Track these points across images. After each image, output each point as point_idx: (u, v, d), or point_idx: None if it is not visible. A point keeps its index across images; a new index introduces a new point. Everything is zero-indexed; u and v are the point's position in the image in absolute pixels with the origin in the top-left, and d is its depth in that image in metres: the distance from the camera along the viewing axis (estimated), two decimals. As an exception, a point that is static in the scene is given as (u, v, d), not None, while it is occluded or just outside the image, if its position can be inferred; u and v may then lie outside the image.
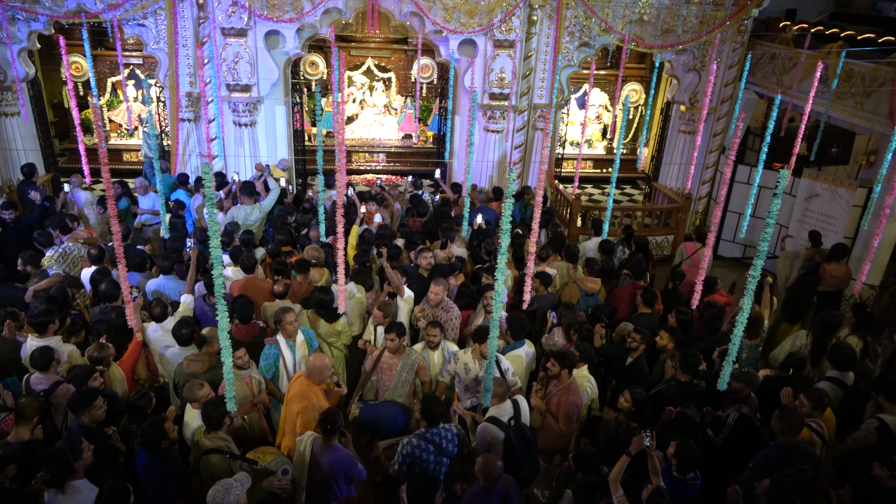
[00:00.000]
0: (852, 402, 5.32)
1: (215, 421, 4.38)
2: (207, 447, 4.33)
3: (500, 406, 4.81)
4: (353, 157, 14.19)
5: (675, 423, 4.65)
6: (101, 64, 12.97)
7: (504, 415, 4.78)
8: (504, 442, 4.67)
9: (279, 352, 5.40)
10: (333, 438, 4.38)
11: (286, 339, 5.41)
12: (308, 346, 5.53)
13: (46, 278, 6.35)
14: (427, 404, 4.63)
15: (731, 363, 4.21)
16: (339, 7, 9.38)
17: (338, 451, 4.39)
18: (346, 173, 4.99)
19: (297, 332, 5.45)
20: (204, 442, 4.38)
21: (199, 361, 5.10)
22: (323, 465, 4.34)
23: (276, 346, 5.42)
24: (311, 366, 4.83)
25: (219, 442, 4.36)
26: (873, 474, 4.23)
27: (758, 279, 3.90)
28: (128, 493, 3.72)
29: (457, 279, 6.80)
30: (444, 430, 4.63)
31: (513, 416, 4.77)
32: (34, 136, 10.21)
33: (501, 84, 10.07)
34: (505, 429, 4.69)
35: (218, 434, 4.39)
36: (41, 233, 7.02)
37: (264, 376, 5.39)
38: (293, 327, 5.38)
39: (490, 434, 4.73)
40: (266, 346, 5.47)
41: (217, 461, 4.25)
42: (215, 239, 3.62)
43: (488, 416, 4.81)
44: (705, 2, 9.89)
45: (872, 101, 8.50)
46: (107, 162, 4.41)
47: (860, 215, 8.67)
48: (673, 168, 11.49)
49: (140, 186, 8.93)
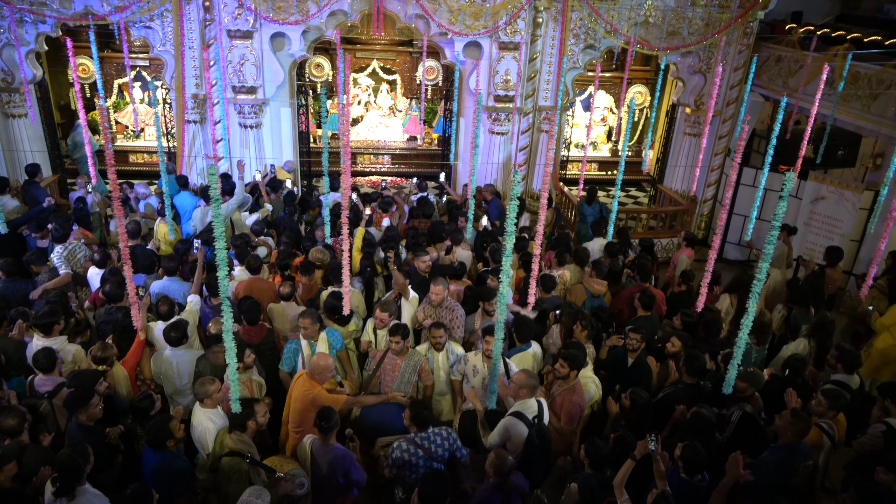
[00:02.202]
0: (857, 406, 5.30)
1: (240, 421, 4.39)
2: (230, 447, 4.33)
3: (526, 402, 4.74)
4: (358, 158, 14.21)
5: (691, 423, 4.63)
6: (108, 66, 13.04)
7: (529, 411, 4.74)
8: (526, 439, 4.64)
9: (300, 348, 5.45)
10: (330, 437, 4.37)
11: (308, 339, 5.45)
12: (329, 346, 5.52)
13: (56, 277, 6.48)
14: (415, 409, 4.59)
15: (735, 366, 4.20)
16: (344, 9, 9.41)
17: (335, 449, 4.38)
18: (350, 175, 4.99)
19: (316, 333, 5.46)
20: (227, 442, 4.39)
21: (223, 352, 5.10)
22: (321, 464, 4.35)
23: (298, 342, 5.47)
24: (314, 365, 4.87)
25: (241, 445, 4.35)
26: (877, 479, 4.21)
27: (763, 282, 3.90)
28: (150, 496, 3.72)
29: (461, 283, 6.78)
30: (433, 433, 4.58)
31: (537, 415, 4.74)
32: (41, 138, 10.27)
33: (506, 86, 10.08)
34: (529, 426, 4.66)
35: (242, 436, 4.39)
36: (57, 227, 7.07)
37: (283, 369, 5.48)
38: (308, 332, 5.39)
39: (515, 429, 4.65)
40: (289, 341, 5.55)
41: (235, 463, 4.24)
42: (220, 241, 3.64)
43: (514, 411, 4.72)
44: (711, 4, 9.88)
45: (879, 104, 8.47)
46: (113, 163, 4.43)
47: (867, 218, 8.64)
48: (678, 170, 11.47)
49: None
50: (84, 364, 5.26)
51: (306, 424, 4.74)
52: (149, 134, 13.64)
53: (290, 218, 8.32)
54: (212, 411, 4.64)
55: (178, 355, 5.35)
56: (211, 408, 4.65)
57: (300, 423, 4.82)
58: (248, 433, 4.43)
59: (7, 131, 9.70)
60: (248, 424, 4.42)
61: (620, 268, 7.47)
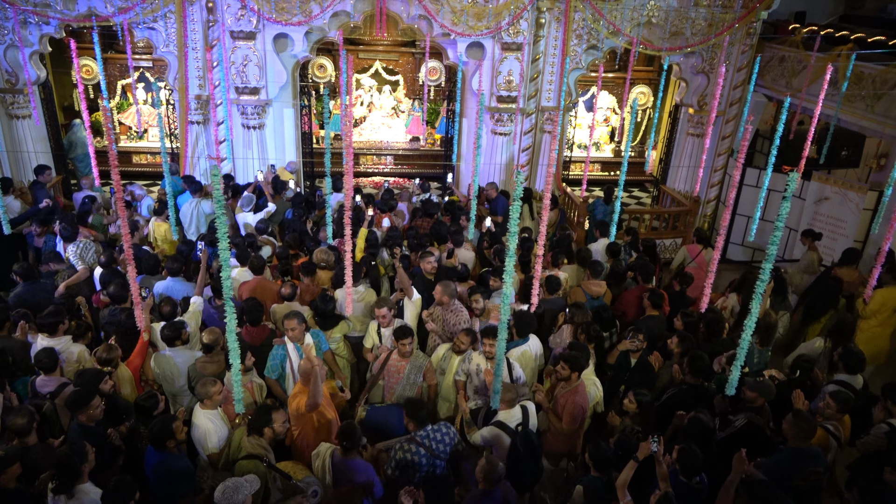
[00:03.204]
0: (861, 406, 5.28)
1: (257, 426, 4.41)
2: (248, 451, 4.35)
3: (509, 412, 4.79)
4: (360, 159, 14.23)
5: (689, 427, 4.62)
6: (112, 67, 13.08)
7: (513, 421, 4.75)
8: (509, 448, 4.65)
9: (286, 353, 5.41)
10: (353, 452, 4.35)
11: (294, 342, 5.42)
12: (316, 349, 5.52)
13: (75, 273, 6.66)
14: (411, 407, 4.61)
15: (738, 367, 4.18)
16: (347, 10, 9.41)
17: (358, 465, 4.34)
18: (353, 176, 4.99)
19: (303, 335, 5.44)
20: (245, 445, 4.41)
21: (212, 363, 5.12)
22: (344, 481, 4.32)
23: (284, 348, 5.43)
24: (302, 370, 4.82)
25: (259, 449, 4.36)
26: (885, 479, 4.20)
27: (767, 283, 3.88)
28: (134, 488, 3.74)
29: (465, 285, 6.78)
30: (433, 430, 4.57)
31: (521, 423, 4.75)
32: (45, 139, 10.30)
33: (509, 87, 10.07)
34: (511, 434, 4.67)
35: (261, 440, 4.40)
36: (65, 227, 7.12)
37: (270, 377, 5.40)
38: (294, 334, 5.34)
39: (497, 439, 4.72)
40: (275, 347, 5.49)
41: (254, 467, 4.24)
42: (224, 241, 3.64)
43: (496, 421, 4.79)
44: (714, 4, 9.85)
45: (883, 104, 8.44)
46: (117, 164, 4.44)
47: (870, 219, 8.61)
48: (681, 171, 11.45)
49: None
50: (89, 364, 5.28)
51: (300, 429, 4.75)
52: (152, 135, 13.68)
53: (299, 220, 8.33)
54: (212, 412, 4.65)
55: (178, 355, 5.37)
56: (211, 409, 4.66)
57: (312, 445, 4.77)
58: (265, 438, 4.44)
59: (11, 132, 9.72)
60: (265, 431, 4.42)
61: (623, 269, 7.47)
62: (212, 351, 5.18)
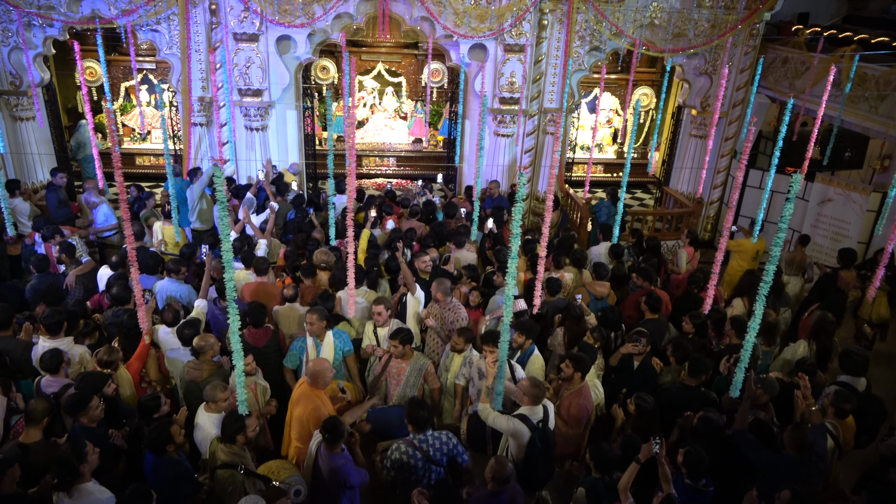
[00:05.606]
0: (863, 408, 5.26)
1: (229, 434, 4.36)
2: (222, 460, 4.31)
3: (532, 408, 4.73)
4: (363, 161, 14.24)
5: (698, 428, 4.60)
6: (115, 69, 13.10)
7: (534, 416, 4.72)
8: (528, 443, 4.63)
9: (305, 346, 5.44)
10: (336, 446, 4.33)
11: (314, 338, 5.44)
12: (334, 349, 5.50)
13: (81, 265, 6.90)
14: (412, 409, 4.56)
15: (743, 370, 4.18)
16: (350, 12, 9.43)
17: (336, 459, 4.30)
18: (356, 177, 5.01)
19: (322, 331, 5.44)
20: (219, 454, 4.36)
21: (198, 370, 5.10)
22: (323, 471, 4.32)
23: (305, 340, 5.46)
24: (311, 371, 4.83)
25: (234, 457, 4.33)
26: (890, 479, 4.18)
27: (770, 284, 3.88)
28: (150, 496, 3.73)
29: (467, 285, 6.77)
30: (433, 437, 4.53)
31: (542, 420, 4.73)
32: (49, 141, 10.33)
33: (512, 88, 10.08)
34: (532, 429, 4.65)
35: (233, 448, 4.37)
36: (49, 228, 7.36)
37: (288, 367, 5.49)
38: (313, 328, 5.37)
39: (517, 432, 4.65)
40: (297, 339, 5.55)
41: (229, 475, 4.22)
42: (227, 242, 3.65)
43: (519, 414, 4.71)
44: (717, 6, 9.84)
45: (886, 105, 8.42)
46: (120, 166, 4.46)
47: (874, 220, 8.59)
48: (684, 172, 11.44)
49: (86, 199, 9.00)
50: (90, 366, 5.29)
51: (301, 433, 4.74)
52: (155, 137, 13.70)
53: (303, 220, 8.33)
54: (216, 416, 4.64)
55: (178, 356, 5.39)
56: (215, 412, 4.65)
57: (303, 438, 4.77)
58: (237, 445, 4.40)
59: (15, 134, 9.76)
60: (238, 438, 4.38)
61: (626, 271, 7.45)
62: (198, 357, 5.17)
